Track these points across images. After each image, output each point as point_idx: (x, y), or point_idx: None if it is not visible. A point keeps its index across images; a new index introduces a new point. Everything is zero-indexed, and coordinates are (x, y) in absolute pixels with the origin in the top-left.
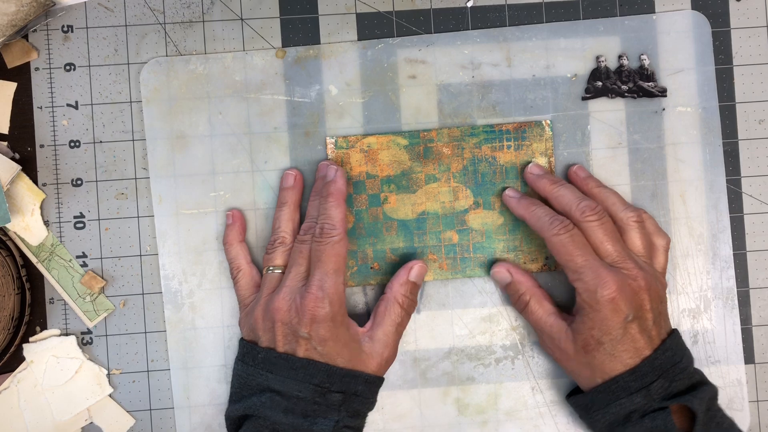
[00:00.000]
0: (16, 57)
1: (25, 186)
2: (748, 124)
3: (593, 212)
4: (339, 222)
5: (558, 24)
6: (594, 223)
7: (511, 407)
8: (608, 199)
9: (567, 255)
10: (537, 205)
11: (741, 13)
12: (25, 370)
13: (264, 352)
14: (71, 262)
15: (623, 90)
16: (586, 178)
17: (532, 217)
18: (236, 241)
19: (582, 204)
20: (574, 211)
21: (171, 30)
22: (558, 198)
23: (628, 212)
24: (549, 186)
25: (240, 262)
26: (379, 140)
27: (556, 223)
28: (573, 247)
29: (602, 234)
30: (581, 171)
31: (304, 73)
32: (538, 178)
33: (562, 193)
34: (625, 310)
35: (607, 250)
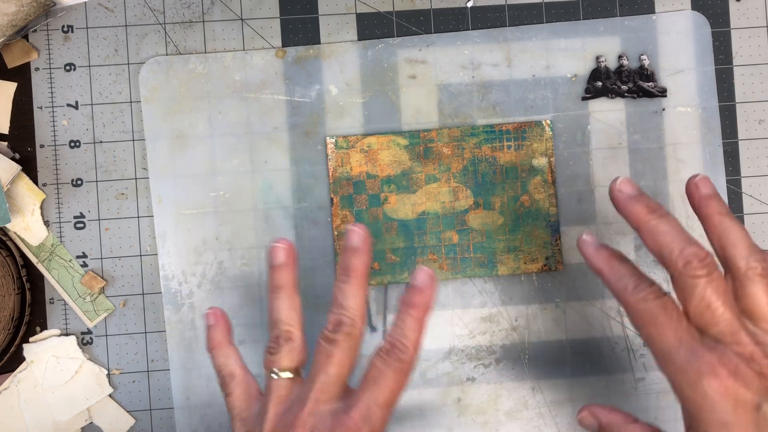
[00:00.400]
0: (16, 57)
1: (25, 186)
2: (748, 124)
3: (702, 264)
4: (413, 344)
5: (558, 24)
6: (701, 279)
7: (512, 407)
8: (729, 236)
9: (655, 328)
10: (620, 260)
11: (741, 13)
12: (25, 370)
13: None
14: (71, 262)
15: (623, 90)
16: (708, 198)
17: (612, 275)
18: (224, 344)
19: (688, 250)
20: (676, 259)
21: (171, 30)
22: (655, 235)
23: (753, 259)
24: (645, 215)
25: (232, 368)
26: (379, 140)
27: (644, 286)
28: (665, 318)
29: (710, 294)
30: (704, 185)
31: (304, 73)
32: (632, 202)
33: (662, 229)
34: (751, 397)
35: (714, 316)
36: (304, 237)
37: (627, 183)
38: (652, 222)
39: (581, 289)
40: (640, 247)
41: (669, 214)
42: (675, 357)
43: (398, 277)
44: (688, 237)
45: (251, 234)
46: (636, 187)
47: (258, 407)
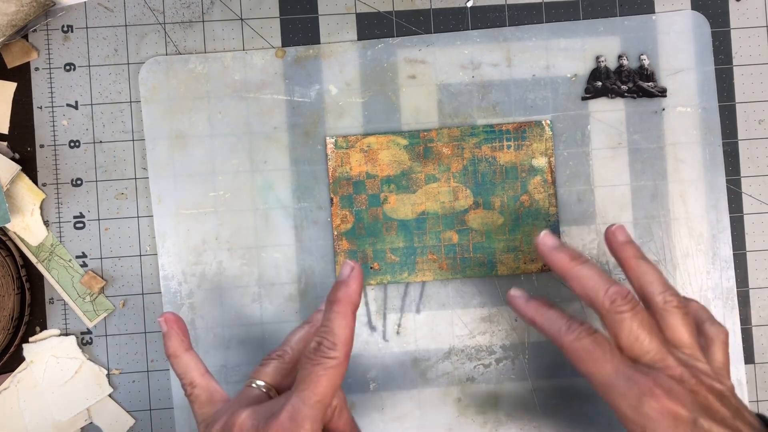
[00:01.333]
0: (16, 57)
1: (25, 186)
2: (748, 124)
3: (625, 300)
4: (343, 342)
5: (558, 24)
6: (626, 314)
7: (512, 407)
8: (645, 276)
9: (592, 364)
10: (548, 307)
11: (741, 13)
12: (25, 370)
13: None
14: (71, 262)
15: (623, 90)
16: (624, 244)
17: (544, 321)
18: (182, 351)
19: (611, 290)
20: (602, 299)
21: (171, 30)
22: (579, 279)
23: (668, 294)
24: (568, 263)
25: (192, 376)
26: (378, 140)
27: (575, 327)
28: (599, 352)
29: (636, 326)
30: (620, 233)
31: (304, 73)
32: (554, 251)
33: (584, 273)
34: (687, 414)
35: (642, 346)
36: (304, 237)
37: (549, 236)
38: (576, 268)
39: None
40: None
41: (589, 260)
42: (615, 386)
43: (398, 277)
44: (609, 278)
45: (251, 234)
46: (557, 240)
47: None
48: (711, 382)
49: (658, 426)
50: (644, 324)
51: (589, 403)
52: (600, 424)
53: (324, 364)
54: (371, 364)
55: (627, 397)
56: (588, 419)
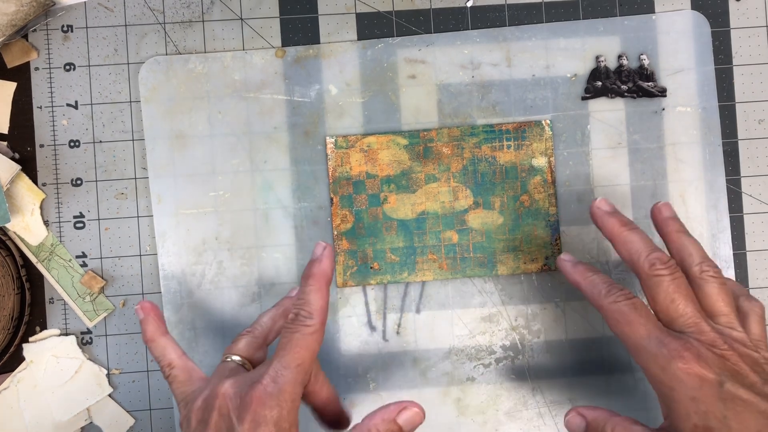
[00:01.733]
0: (16, 57)
1: (24, 186)
2: (748, 124)
3: (664, 265)
4: (317, 310)
5: (558, 24)
6: (665, 277)
7: (512, 407)
8: (686, 248)
9: (627, 325)
10: (594, 272)
11: (741, 13)
12: (25, 370)
13: None
14: (71, 262)
15: (623, 90)
16: (668, 219)
17: (588, 284)
18: (158, 335)
19: (653, 255)
20: (643, 262)
21: (171, 30)
22: (626, 244)
23: (705, 265)
24: (618, 228)
25: (170, 357)
26: (378, 140)
27: (615, 291)
28: (635, 315)
29: (673, 290)
30: (666, 209)
31: (304, 73)
32: (607, 216)
33: (631, 239)
34: (714, 377)
35: (678, 310)
36: (304, 237)
37: (604, 202)
38: (624, 233)
39: None
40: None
41: (637, 227)
42: (647, 348)
43: (398, 277)
44: (653, 245)
45: (251, 234)
46: (612, 206)
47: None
48: (745, 349)
49: (685, 387)
50: (681, 289)
51: (589, 403)
52: None
53: (302, 331)
54: (371, 364)
55: (657, 358)
56: None
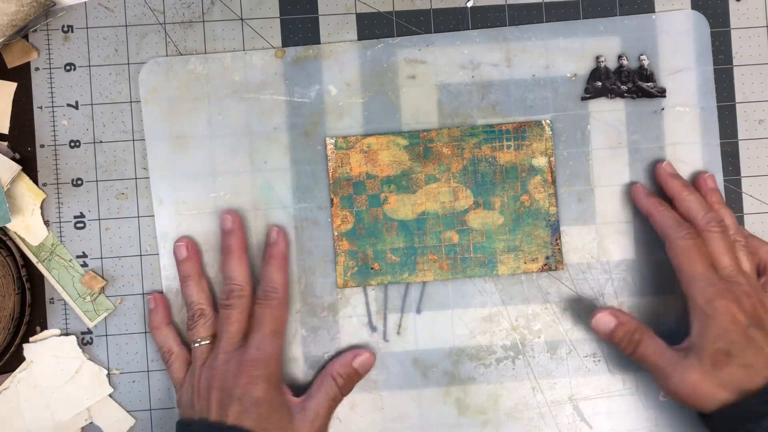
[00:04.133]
0: (16, 57)
1: (25, 186)
2: (748, 124)
3: (718, 224)
4: (281, 285)
5: (558, 24)
6: (717, 234)
7: (512, 407)
8: (726, 217)
9: (688, 260)
10: (665, 207)
11: (741, 13)
12: (25, 370)
13: (195, 425)
14: (71, 262)
15: (622, 90)
16: (712, 191)
17: (659, 216)
18: (163, 325)
19: (709, 214)
20: (700, 219)
21: (171, 30)
22: (686, 202)
23: (739, 234)
24: (680, 188)
25: (170, 345)
26: (378, 140)
27: (685, 227)
28: (696, 253)
29: (723, 246)
30: (711, 181)
31: (304, 73)
32: (672, 178)
33: (691, 198)
34: (744, 320)
35: (724, 261)
36: (304, 237)
37: (669, 165)
38: (684, 194)
39: (581, 289)
40: (638, 242)
41: (695, 191)
42: (699, 281)
43: (398, 277)
44: (708, 206)
45: (251, 234)
46: (675, 169)
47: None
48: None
49: (720, 320)
50: (728, 246)
51: (589, 402)
52: (600, 423)
53: (271, 305)
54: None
55: (705, 291)
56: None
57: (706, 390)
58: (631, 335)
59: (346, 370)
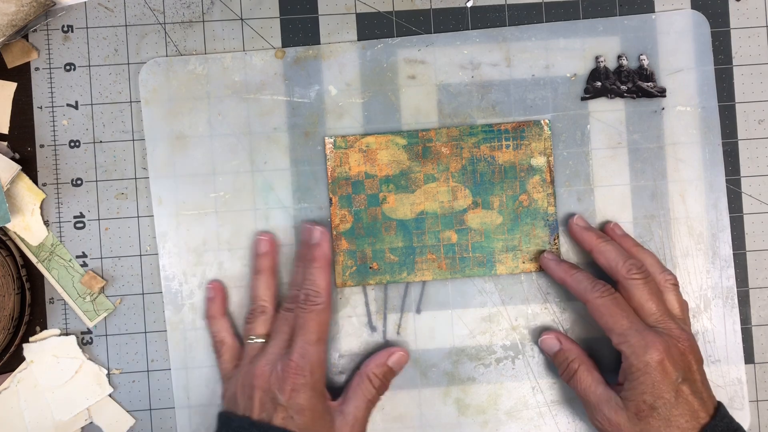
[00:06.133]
0: (16, 57)
1: (25, 186)
2: (748, 124)
3: (639, 271)
4: (324, 289)
5: (557, 24)
6: (639, 281)
7: (512, 407)
8: (646, 259)
9: (611, 317)
10: (577, 270)
11: (741, 13)
12: (25, 370)
13: (238, 421)
14: (71, 262)
15: (622, 90)
16: (623, 237)
17: (572, 281)
18: (219, 315)
19: (629, 262)
20: (620, 269)
21: (171, 30)
22: (603, 253)
23: (666, 274)
24: (595, 240)
25: (223, 336)
26: (377, 140)
27: (599, 287)
28: (617, 309)
29: (647, 293)
30: (618, 228)
31: (304, 74)
32: (584, 231)
33: (608, 249)
34: (674, 373)
35: (650, 309)
36: None
37: (581, 219)
38: (601, 245)
39: None
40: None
41: (611, 240)
42: (628, 336)
43: (397, 277)
44: (626, 254)
45: (251, 234)
46: (586, 222)
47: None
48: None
49: (653, 374)
50: (652, 291)
51: None
52: None
53: (315, 310)
54: None
55: (635, 346)
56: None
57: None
58: (569, 363)
59: (382, 370)
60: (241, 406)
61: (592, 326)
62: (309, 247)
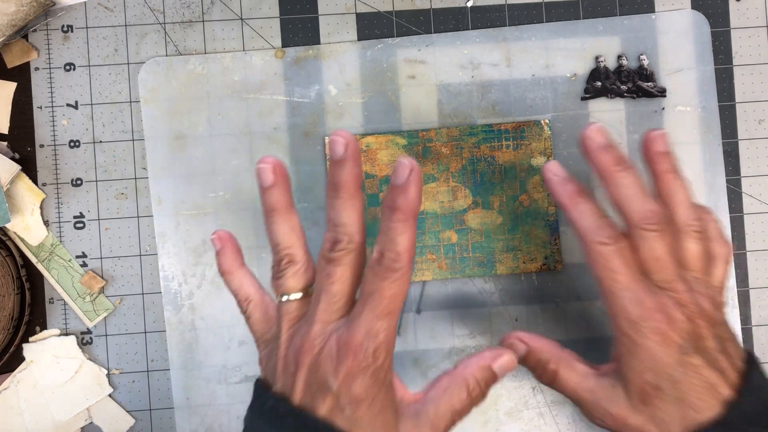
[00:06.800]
0: (16, 57)
1: (24, 186)
2: (748, 124)
3: (656, 221)
4: (406, 251)
5: (557, 24)
6: (653, 234)
7: (512, 407)
8: (675, 194)
9: (608, 271)
10: (585, 199)
11: (741, 13)
12: (25, 370)
13: (273, 400)
14: (71, 262)
15: (622, 90)
16: (662, 154)
17: (575, 211)
18: (235, 267)
19: (647, 207)
20: (634, 213)
21: (171, 30)
22: (619, 186)
23: (690, 217)
24: (613, 165)
25: (248, 291)
26: (377, 140)
27: (605, 231)
28: (619, 262)
29: (660, 248)
30: (661, 142)
31: (304, 74)
32: (603, 150)
33: (626, 182)
34: (678, 341)
35: (660, 265)
36: None
37: (599, 132)
38: (619, 174)
39: (581, 289)
40: None
41: (634, 167)
42: (622, 299)
43: None
44: (647, 194)
45: (251, 234)
46: (607, 137)
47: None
48: (710, 308)
49: (649, 344)
50: (666, 246)
51: None
52: None
53: (390, 277)
54: None
55: (629, 312)
56: None
57: (637, 427)
58: (544, 366)
59: (485, 375)
60: (280, 382)
61: (594, 328)
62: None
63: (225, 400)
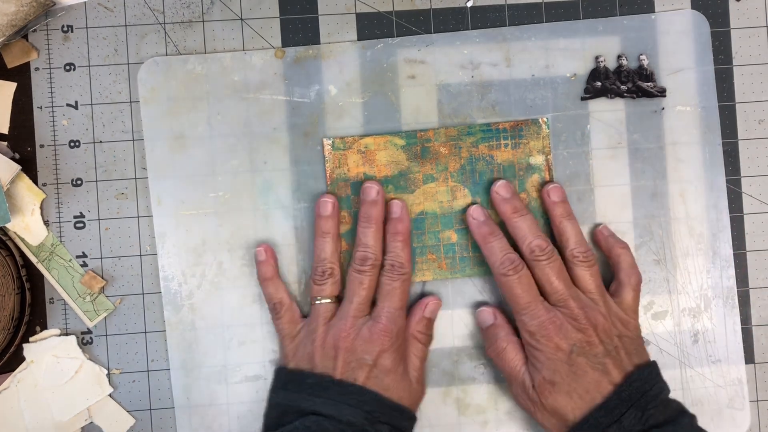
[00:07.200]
0: (16, 57)
1: (25, 186)
2: (748, 124)
3: (542, 252)
4: (407, 261)
5: (557, 24)
6: (543, 262)
7: (512, 407)
8: (564, 233)
9: (512, 295)
10: (495, 238)
11: (741, 13)
12: (25, 370)
13: (315, 378)
14: (71, 262)
15: (622, 90)
16: (555, 204)
17: (486, 249)
18: (273, 276)
19: (534, 242)
20: (525, 248)
21: (171, 30)
22: (514, 229)
23: (577, 249)
24: (510, 213)
25: (282, 297)
26: (376, 141)
27: (507, 263)
28: (519, 288)
29: (549, 272)
30: (555, 194)
31: (304, 73)
32: (503, 202)
33: (519, 225)
34: (566, 346)
35: (553, 287)
36: (303, 238)
37: (504, 187)
38: (514, 219)
39: None
40: (639, 247)
41: (528, 213)
42: (523, 315)
43: None
44: (538, 232)
45: (251, 234)
46: (510, 191)
47: (302, 328)
48: (603, 322)
49: (545, 349)
50: (554, 271)
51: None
52: None
53: (399, 279)
54: None
55: (527, 324)
56: None
57: (539, 419)
58: (497, 340)
59: (422, 324)
60: (319, 365)
61: None
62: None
63: (225, 400)
